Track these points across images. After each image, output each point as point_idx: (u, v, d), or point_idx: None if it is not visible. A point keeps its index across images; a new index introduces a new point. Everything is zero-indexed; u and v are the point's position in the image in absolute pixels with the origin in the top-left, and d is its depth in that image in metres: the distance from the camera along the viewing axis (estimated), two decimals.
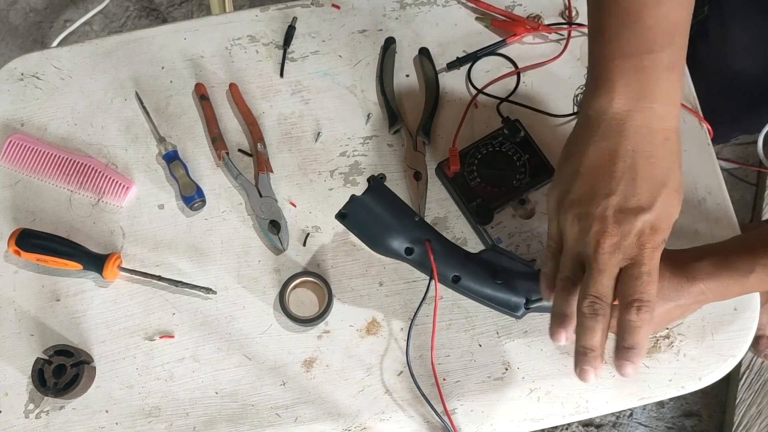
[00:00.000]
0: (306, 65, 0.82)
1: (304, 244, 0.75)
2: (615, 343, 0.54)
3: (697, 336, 0.72)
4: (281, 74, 0.81)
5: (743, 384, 1.35)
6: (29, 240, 0.72)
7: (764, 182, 1.49)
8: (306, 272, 0.73)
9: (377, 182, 0.65)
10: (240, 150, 0.79)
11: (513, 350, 0.72)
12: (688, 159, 0.77)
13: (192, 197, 0.75)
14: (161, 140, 0.78)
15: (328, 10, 0.84)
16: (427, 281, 0.66)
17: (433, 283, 0.64)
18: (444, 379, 0.71)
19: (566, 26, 0.82)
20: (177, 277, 0.73)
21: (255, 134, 0.78)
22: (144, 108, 0.80)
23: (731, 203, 0.76)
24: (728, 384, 1.39)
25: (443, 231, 0.75)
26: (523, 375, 0.71)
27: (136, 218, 0.76)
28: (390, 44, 0.81)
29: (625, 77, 0.55)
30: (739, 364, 1.33)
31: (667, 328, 0.72)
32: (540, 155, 0.75)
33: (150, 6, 1.68)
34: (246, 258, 0.75)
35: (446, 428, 0.69)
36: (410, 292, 0.73)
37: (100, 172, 0.77)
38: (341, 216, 0.64)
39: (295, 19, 0.83)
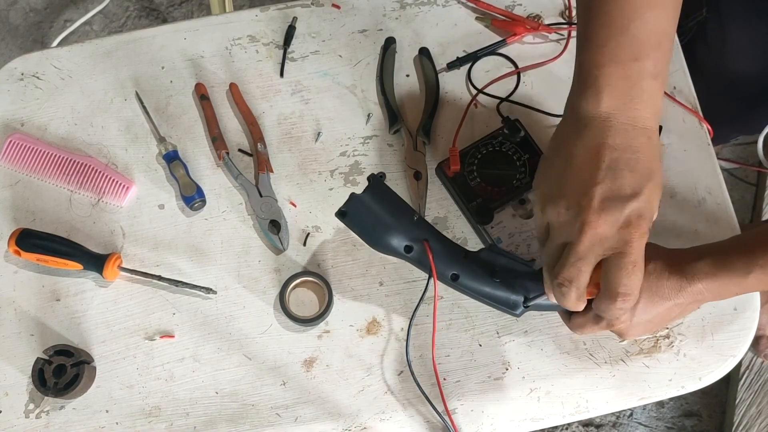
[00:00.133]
0: (306, 65, 0.82)
1: (305, 244, 0.75)
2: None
3: (697, 336, 0.72)
4: (281, 74, 0.81)
5: (743, 384, 1.35)
6: (29, 240, 0.72)
7: (764, 182, 1.49)
8: (306, 272, 0.73)
9: (377, 180, 0.65)
10: (240, 150, 0.79)
11: (513, 350, 0.72)
12: (688, 159, 0.77)
13: (192, 197, 0.75)
14: (161, 140, 0.78)
15: (328, 10, 0.84)
16: (427, 280, 0.66)
17: (432, 282, 0.65)
18: (444, 379, 0.71)
19: (566, 26, 0.82)
20: (177, 277, 0.73)
21: (255, 134, 0.78)
22: (144, 108, 0.80)
23: (731, 203, 0.76)
24: (728, 384, 1.39)
25: (443, 231, 0.75)
26: (523, 375, 0.71)
27: (136, 218, 0.76)
28: (390, 44, 0.81)
29: (612, 84, 0.56)
30: (739, 364, 1.34)
31: (667, 328, 0.72)
32: (540, 155, 0.75)
33: (150, 6, 1.68)
34: (246, 258, 0.75)
35: (447, 428, 0.69)
36: (410, 292, 0.73)
37: (100, 172, 0.77)
38: (341, 214, 0.64)
39: (295, 19, 0.83)
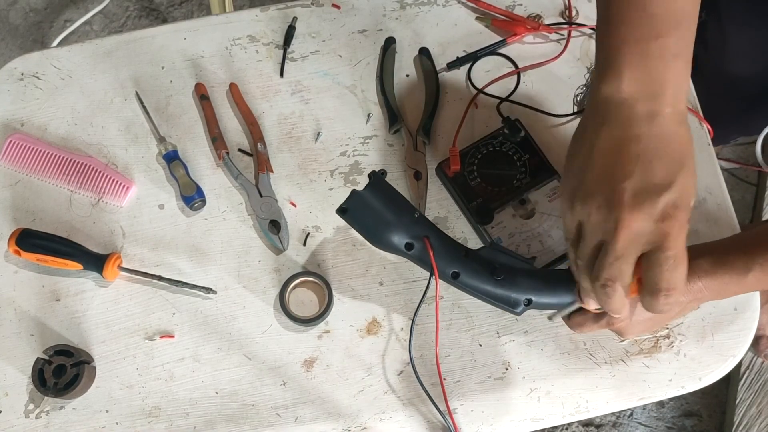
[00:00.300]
0: (306, 65, 0.82)
1: (305, 244, 0.75)
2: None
3: (697, 336, 0.72)
4: (281, 74, 0.81)
5: (743, 384, 1.35)
6: (29, 240, 0.72)
7: (764, 182, 1.49)
8: (306, 272, 0.73)
9: (378, 177, 0.65)
10: (240, 150, 0.79)
11: (513, 350, 0.72)
12: None
13: (192, 197, 0.75)
14: (161, 140, 0.78)
15: (328, 10, 0.84)
16: (427, 280, 0.66)
17: (434, 280, 0.64)
18: (444, 379, 0.71)
19: (566, 26, 0.82)
20: (177, 277, 0.73)
21: (255, 134, 0.78)
22: (144, 108, 0.80)
23: (731, 203, 0.76)
24: (728, 384, 1.39)
25: (443, 231, 0.75)
26: (524, 375, 0.71)
27: (136, 218, 0.76)
28: (390, 44, 0.81)
29: (632, 63, 0.54)
30: (739, 364, 1.34)
31: (667, 328, 0.72)
32: (540, 155, 0.75)
33: (150, 6, 1.68)
34: (246, 258, 0.75)
35: (448, 428, 0.69)
36: (410, 292, 0.73)
37: (100, 172, 0.77)
38: (342, 211, 0.64)
39: (295, 19, 0.83)
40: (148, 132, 0.79)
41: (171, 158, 0.77)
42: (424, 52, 0.81)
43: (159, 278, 0.73)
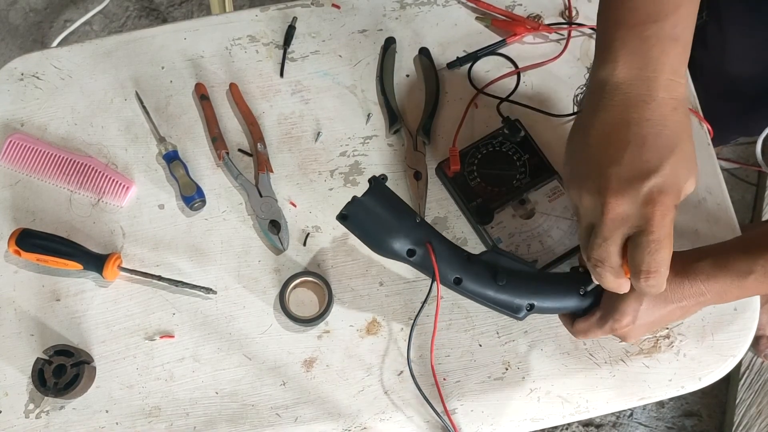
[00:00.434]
0: (306, 65, 0.82)
1: (304, 244, 0.75)
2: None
3: (697, 336, 0.72)
4: (281, 74, 0.81)
5: (743, 384, 1.35)
6: (29, 240, 0.72)
7: (764, 182, 1.49)
8: (306, 272, 0.73)
9: (378, 183, 0.65)
10: (240, 150, 0.79)
11: (513, 350, 0.72)
12: None
13: (192, 197, 0.75)
14: (161, 140, 0.78)
15: (328, 10, 0.84)
16: (427, 281, 0.66)
17: (435, 286, 0.64)
18: (444, 379, 0.71)
19: (566, 26, 0.82)
20: (177, 277, 0.73)
21: (255, 134, 0.78)
22: (144, 108, 0.80)
23: (731, 203, 0.76)
24: (728, 384, 1.39)
25: (443, 231, 0.75)
26: (523, 375, 0.71)
27: (136, 218, 0.76)
28: (390, 44, 0.81)
29: (628, 46, 0.54)
30: (739, 364, 1.33)
31: (667, 328, 0.72)
32: (540, 155, 0.75)
33: (150, 6, 1.68)
34: (246, 258, 0.75)
35: (446, 428, 0.69)
36: (410, 292, 0.73)
37: (100, 172, 0.77)
38: (342, 217, 0.64)
39: (295, 19, 0.83)
40: (148, 132, 0.79)
41: (171, 158, 0.77)
42: (424, 52, 0.81)
43: (159, 278, 0.73)
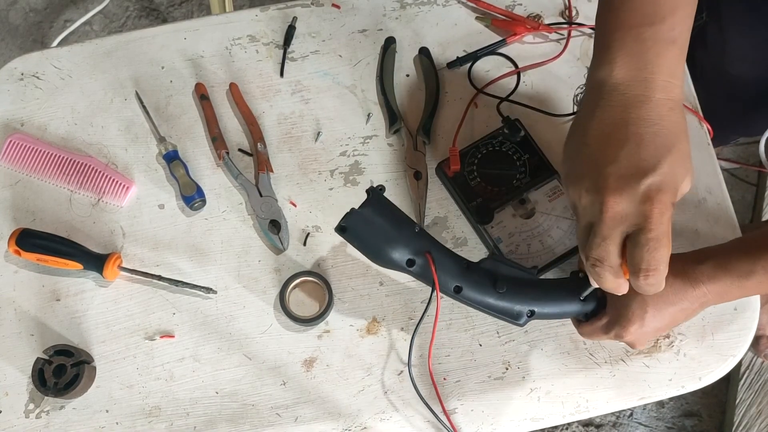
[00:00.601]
0: (306, 65, 0.82)
1: (305, 244, 0.75)
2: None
3: (697, 336, 0.72)
4: (281, 74, 0.81)
5: (743, 384, 1.35)
6: (29, 240, 0.72)
7: (764, 182, 1.49)
8: (306, 272, 0.73)
9: (376, 194, 0.64)
10: (240, 150, 0.79)
11: (513, 350, 0.72)
12: None
13: (192, 197, 0.75)
14: (161, 140, 0.78)
15: (328, 10, 0.84)
16: (430, 294, 0.65)
17: (435, 295, 0.64)
18: (444, 379, 0.71)
19: (566, 26, 0.82)
20: (177, 277, 0.73)
21: (255, 134, 0.78)
22: (144, 108, 0.80)
23: (731, 203, 0.76)
24: (728, 384, 1.39)
25: (443, 231, 0.75)
26: (523, 375, 0.71)
27: (136, 218, 0.76)
28: (390, 44, 0.81)
29: (625, 48, 0.55)
30: (739, 364, 1.33)
31: None
32: (540, 155, 0.75)
33: (150, 6, 1.68)
34: (246, 258, 0.75)
35: (446, 428, 0.69)
36: (410, 292, 0.73)
37: (100, 172, 0.77)
38: (341, 230, 0.63)
39: (295, 19, 0.83)
40: (148, 132, 0.79)
41: (171, 158, 0.77)
42: (424, 52, 0.81)
43: (159, 278, 0.73)
